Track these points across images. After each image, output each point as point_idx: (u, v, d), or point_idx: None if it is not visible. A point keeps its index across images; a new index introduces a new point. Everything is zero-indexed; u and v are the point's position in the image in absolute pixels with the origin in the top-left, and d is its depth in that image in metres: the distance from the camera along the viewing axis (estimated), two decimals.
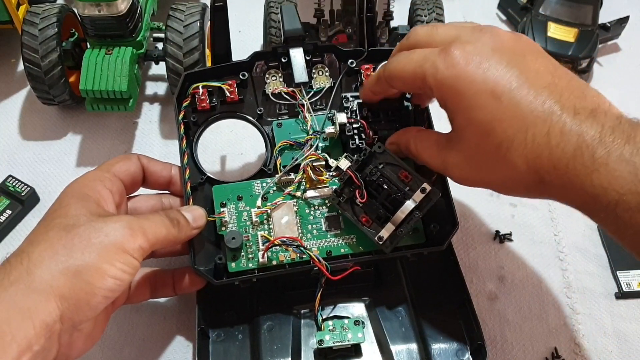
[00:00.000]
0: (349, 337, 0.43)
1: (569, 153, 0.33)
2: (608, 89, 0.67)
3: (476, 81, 0.35)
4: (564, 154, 0.34)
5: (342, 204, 0.43)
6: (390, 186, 0.42)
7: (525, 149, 0.34)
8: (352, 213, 0.43)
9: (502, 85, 0.35)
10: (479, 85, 0.35)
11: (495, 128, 0.35)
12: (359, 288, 0.47)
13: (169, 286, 0.46)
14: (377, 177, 0.42)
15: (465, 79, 0.36)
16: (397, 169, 0.42)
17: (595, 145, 0.33)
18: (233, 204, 0.45)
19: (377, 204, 0.42)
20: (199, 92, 0.46)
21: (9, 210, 0.55)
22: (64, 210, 0.38)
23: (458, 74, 0.36)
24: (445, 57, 0.37)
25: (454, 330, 0.46)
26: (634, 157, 0.32)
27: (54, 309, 0.33)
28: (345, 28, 0.62)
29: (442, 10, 0.62)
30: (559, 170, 0.34)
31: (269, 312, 0.46)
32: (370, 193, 0.43)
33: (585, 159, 0.33)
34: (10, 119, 0.63)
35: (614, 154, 0.33)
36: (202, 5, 0.59)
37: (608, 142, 0.33)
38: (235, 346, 0.45)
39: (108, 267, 0.35)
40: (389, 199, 0.42)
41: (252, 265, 0.43)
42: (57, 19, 0.57)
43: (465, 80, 0.36)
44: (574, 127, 0.34)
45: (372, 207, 0.43)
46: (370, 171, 0.42)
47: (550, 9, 0.70)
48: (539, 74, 0.36)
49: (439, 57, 0.37)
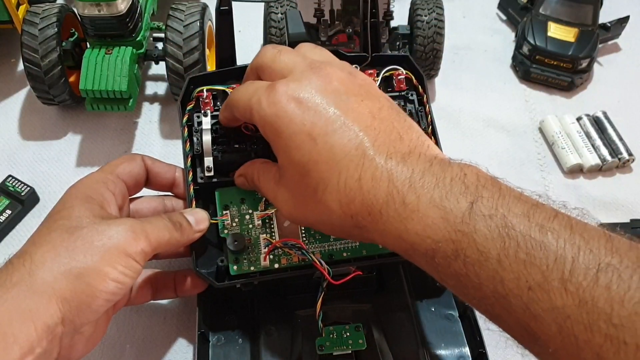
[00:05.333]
0: (350, 343, 0.43)
1: (381, 199, 0.33)
2: (608, 89, 0.69)
3: (294, 122, 0.35)
4: (377, 200, 0.33)
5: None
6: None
7: (339, 193, 0.34)
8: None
9: (319, 127, 0.34)
10: (297, 126, 0.35)
11: (311, 170, 0.35)
12: (361, 293, 0.47)
13: (170, 288, 0.45)
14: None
15: (284, 118, 0.35)
16: None
17: (406, 191, 0.32)
18: (236, 207, 0.45)
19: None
20: (203, 95, 0.46)
21: (9, 210, 0.55)
22: (67, 211, 0.38)
23: (277, 113, 0.35)
24: (269, 94, 0.36)
25: (456, 337, 0.46)
26: (444, 202, 0.31)
27: (56, 311, 0.33)
28: (345, 28, 0.62)
29: (442, 10, 0.62)
30: (374, 217, 0.33)
31: (269, 317, 0.46)
32: None
33: (397, 206, 0.32)
34: (10, 119, 0.63)
35: (424, 200, 0.32)
36: (202, 5, 0.59)
37: (418, 187, 0.32)
38: (236, 350, 0.45)
39: (110, 270, 0.35)
40: None
41: (254, 269, 0.43)
42: (57, 18, 0.57)
43: (284, 120, 0.35)
44: (384, 172, 0.33)
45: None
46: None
47: (550, 9, 0.70)
48: (360, 116, 0.35)
49: (264, 93, 0.36)
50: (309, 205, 0.36)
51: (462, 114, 0.66)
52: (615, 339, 0.26)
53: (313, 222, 0.38)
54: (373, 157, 0.33)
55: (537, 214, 0.30)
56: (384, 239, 0.34)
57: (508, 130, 0.65)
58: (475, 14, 0.77)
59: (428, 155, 0.34)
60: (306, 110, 0.35)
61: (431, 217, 0.31)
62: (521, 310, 0.29)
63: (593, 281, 0.27)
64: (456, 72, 0.70)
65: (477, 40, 0.74)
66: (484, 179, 0.32)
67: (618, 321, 0.26)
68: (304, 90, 0.36)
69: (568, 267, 0.28)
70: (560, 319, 0.27)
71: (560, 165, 0.62)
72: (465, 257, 0.30)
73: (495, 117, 0.66)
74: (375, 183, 0.33)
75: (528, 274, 0.28)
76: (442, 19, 0.62)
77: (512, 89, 0.69)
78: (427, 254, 0.32)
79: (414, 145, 0.35)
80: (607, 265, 0.27)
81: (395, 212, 0.32)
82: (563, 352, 0.28)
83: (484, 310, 0.32)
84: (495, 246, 0.29)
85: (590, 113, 0.64)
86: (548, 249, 0.28)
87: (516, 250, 0.29)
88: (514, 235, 0.29)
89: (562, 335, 0.27)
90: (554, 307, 0.28)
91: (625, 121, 0.64)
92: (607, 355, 0.26)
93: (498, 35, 0.74)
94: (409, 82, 0.47)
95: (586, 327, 0.27)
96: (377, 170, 0.33)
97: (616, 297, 0.26)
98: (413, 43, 0.62)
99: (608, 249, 0.28)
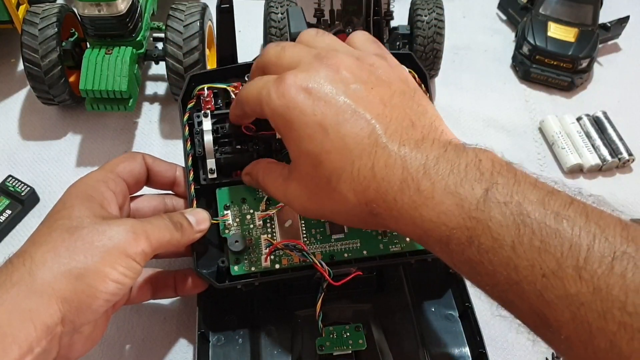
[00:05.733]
0: (350, 343, 0.43)
1: (396, 186, 0.32)
2: (608, 89, 0.69)
3: (305, 112, 0.35)
4: (391, 187, 0.33)
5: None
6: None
7: (353, 182, 0.34)
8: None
9: (330, 117, 0.34)
10: (307, 117, 0.34)
11: (324, 160, 0.34)
12: (361, 293, 0.47)
13: (170, 287, 0.45)
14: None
15: (294, 109, 0.35)
16: None
17: (420, 177, 0.32)
18: (237, 207, 0.44)
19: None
20: (204, 93, 0.46)
21: (9, 210, 0.55)
22: (68, 211, 0.37)
23: (287, 104, 0.35)
24: (278, 86, 0.36)
25: (456, 338, 0.46)
26: (458, 189, 0.31)
27: (56, 311, 0.33)
28: (346, 28, 0.62)
29: (442, 10, 0.62)
30: (388, 204, 0.33)
31: (269, 317, 0.46)
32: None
33: (412, 193, 0.32)
34: (10, 119, 0.63)
35: (438, 186, 0.31)
36: (202, 5, 0.59)
37: (432, 173, 0.32)
38: (236, 350, 0.45)
39: (110, 271, 0.35)
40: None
41: (255, 269, 0.43)
42: (57, 18, 0.57)
43: (295, 111, 0.35)
44: (398, 159, 0.33)
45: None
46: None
47: (550, 9, 0.70)
48: (370, 104, 0.35)
49: (273, 86, 0.36)
50: (323, 196, 0.36)
51: (462, 114, 0.66)
52: (629, 326, 0.26)
53: (328, 213, 0.37)
54: (385, 145, 0.33)
55: (553, 201, 0.30)
56: (398, 226, 0.34)
57: (508, 130, 0.65)
58: (475, 14, 0.77)
59: (442, 141, 0.34)
60: (316, 100, 0.35)
61: (446, 204, 0.31)
62: (534, 297, 0.29)
63: (608, 269, 0.27)
64: (456, 72, 0.70)
65: (477, 40, 0.74)
66: (499, 164, 0.32)
67: (632, 309, 0.26)
68: (312, 80, 0.35)
69: (583, 254, 0.28)
70: (574, 306, 0.27)
71: (560, 165, 0.62)
72: (480, 244, 0.30)
73: (495, 117, 0.66)
74: (389, 170, 0.33)
75: (542, 261, 0.28)
76: (442, 19, 0.62)
77: (512, 89, 0.69)
78: (442, 241, 0.32)
79: (427, 131, 0.34)
80: (623, 253, 0.27)
81: (410, 199, 0.32)
82: (576, 339, 0.28)
83: (497, 296, 0.32)
84: (509, 233, 0.29)
85: (590, 113, 0.64)
86: (563, 236, 0.28)
87: (531, 238, 0.29)
88: (529, 222, 0.29)
89: (575, 323, 0.27)
90: (568, 294, 0.27)
91: (625, 121, 0.64)
92: (621, 343, 0.26)
93: (498, 35, 0.74)
94: None
95: (600, 315, 0.27)
96: (390, 158, 0.33)
97: (631, 286, 0.26)
98: (413, 43, 0.62)
99: (624, 237, 0.28)
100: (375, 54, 0.39)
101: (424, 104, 0.37)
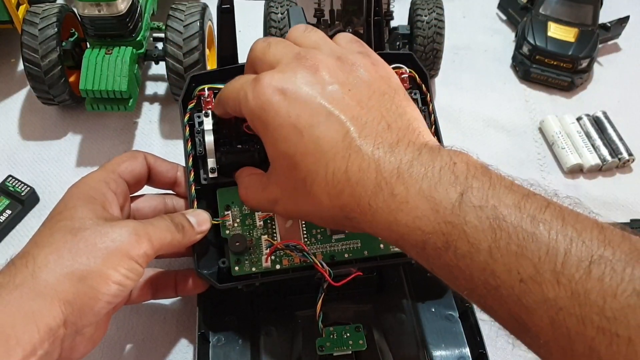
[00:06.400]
0: (350, 343, 0.43)
1: (370, 190, 0.32)
2: (608, 89, 0.69)
3: (280, 114, 0.34)
4: (365, 192, 0.32)
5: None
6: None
7: (327, 185, 0.33)
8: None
9: (304, 119, 0.34)
10: (282, 118, 0.34)
11: (299, 162, 0.34)
12: (361, 294, 0.47)
13: (170, 288, 0.45)
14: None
15: (270, 110, 0.34)
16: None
17: (394, 181, 0.31)
18: (237, 207, 0.44)
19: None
20: (204, 94, 0.46)
21: (9, 210, 0.55)
22: (70, 212, 0.37)
23: (263, 105, 0.35)
24: (254, 87, 0.35)
25: (456, 338, 0.46)
26: (433, 193, 0.30)
27: (58, 313, 0.33)
28: (345, 28, 0.62)
29: (442, 10, 0.62)
30: (362, 208, 0.32)
31: (269, 317, 0.46)
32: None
33: (386, 197, 0.31)
34: (10, 119, 0.63)
35: (412, 190, 0.31)
36: (202, 5, 0.59)
37: (406, 177, 0.31)
38: (236, 351, 0.45)
39: (112, 273, 0.35)
40: None
41: (256, 270, 0.43)
42: (57, 18, 0.57)
43: (270, 112, 0.34)
44: (371, 162, 0.32)
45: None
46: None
47: (550, 9, 0.70)
48: (347, 106, 0.34)
49: (250, 86, 0.36)
50: (299, 198, 0.35)
51: (462, 114, 0.66)
52: (607, 331, 0.26)
53: (305, 215, 0.37)
54: (359, 148, 0.33)
55: (529, 205, 0.29)
56: (374, 230, 0.33)
57: (508, 130, 0.65)
58: (475, 14, 0.77)
59: (417, 144, 0.33)
60: (291, 101, 0.34)
61: (420, 209, 0.31)
62: (513, 302, 0.28)
63: (586, 273, 0.27)
64: (456, 72, 0.70)
65: (477, 40, 0.74)
66: (474, 167, 0.32)
67: (611, 314, 0.26)
68: (289, 81, 0.35)
69: (560, 259, 0.27)
70: (553, 311, 0.27)
71: (560, 165, 0.62)
72: (456, 248, 0.30)
73: (495, 117, 0.66)
74: (363, 174, 0.32)
75: (520, 266, 0.28)
76: (442, 19, 0.62)
77: (512, 89, 0.69)
78: (418, 245, 0.31)
79: (403, 133, 0.34)
80: (600, 257, 0.27)
81: (384, 204, 0.32)
82: (555, 344, 0.27)
83: (475, 301, 0.31)
84: (486, 238, 0.29)
85: (590, 113, 0.64)
86: (540, 240, 0.28)
87: (507, 242, 0.29)
88: (505, 226, 0.29)
89: (554, 328, 0.27)
90: (546, 299, 0.27)
91: (625, 121, 0.64)
92: (600, 348, 0.26)
93: (498, 35, 0.74)
94: (412, 81, 0.47)
95: (578, 320, 0.26)
96: (364, 161, 0.32)
97: (609, 290, 0.26)
98: (413, 43, 0.62)
99: (601, 240, 0.27)
100: (359, 52, 0.38)
101: (404, 105, 0.36)
